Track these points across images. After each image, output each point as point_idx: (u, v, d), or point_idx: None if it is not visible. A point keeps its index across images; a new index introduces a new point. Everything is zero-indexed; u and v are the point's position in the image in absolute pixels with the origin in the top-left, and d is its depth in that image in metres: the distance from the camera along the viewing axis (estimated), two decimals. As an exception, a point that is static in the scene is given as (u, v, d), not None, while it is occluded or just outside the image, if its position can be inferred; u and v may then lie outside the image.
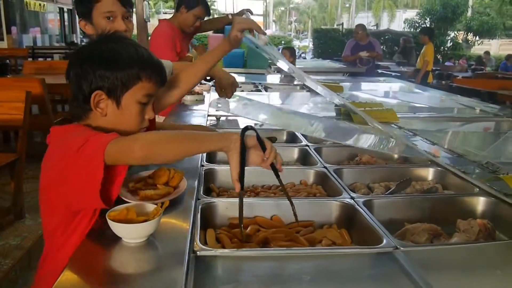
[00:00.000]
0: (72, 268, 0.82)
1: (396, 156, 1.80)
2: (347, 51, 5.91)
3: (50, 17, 13.64)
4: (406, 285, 0.84)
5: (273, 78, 4.61)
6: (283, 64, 1.91)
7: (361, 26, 5.93)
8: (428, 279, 0.84)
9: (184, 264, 0.83)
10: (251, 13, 3.23)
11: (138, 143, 0.88)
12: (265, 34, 1.37)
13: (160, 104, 1.32)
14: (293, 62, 4.88)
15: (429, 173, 1.60)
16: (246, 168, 0.94)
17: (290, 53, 4.96)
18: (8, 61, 5.23)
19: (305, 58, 18.96)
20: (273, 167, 0.98)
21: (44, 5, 12.97)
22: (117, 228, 0.88)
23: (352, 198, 1.28)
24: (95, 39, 1.07)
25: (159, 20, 3.09)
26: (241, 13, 3.21)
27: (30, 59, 7.03)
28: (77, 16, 1.51)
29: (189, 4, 2.77)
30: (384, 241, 1.00)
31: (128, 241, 0.90)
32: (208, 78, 1.83)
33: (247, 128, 0.94)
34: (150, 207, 0.95)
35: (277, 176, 1.01)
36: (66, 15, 14.79)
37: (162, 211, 0.91)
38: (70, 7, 15.02)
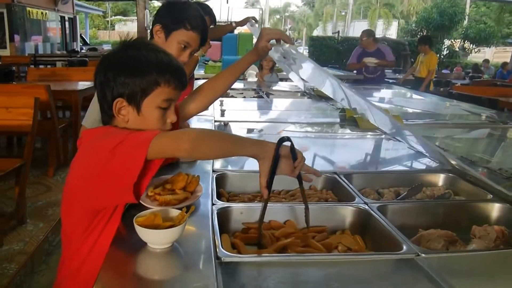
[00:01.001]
0: (102, 279, 0.82)
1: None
2: (353, 58, 5.56)
3: (52, 25, 13.70)
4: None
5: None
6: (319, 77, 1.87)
7: (366, 32, 5.43)
8: (455, 285, 0.84)
9: (213, 272, 0.83)
10: (256, 21, 3.24)
11: (186, 135, 0.92)
12: (293, 44, 1.38)
13: (185, 113, 1.33)
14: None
15: (440, 179, 1.60)
16: (258, 173, 0.98)
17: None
18: (13, 68, 5.25)
19: (301, 65, 19.00)
20: (299, 177, 1.03)
21: (46, 13, 13.04)
22: (145, 234, 0.88)
23: (365, 203, 1.28)
24: (118, 46, 1.07)
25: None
26: (246, 20, 3.21)
27: (32, 66, 7.05)
28: (150, 22, 1.53)
29: None
30: (404, 247, 1.00)
31: (154, 247, 0.89)
32: None
33: (283, 139, 0.97)
34: (174, 212, 0.95)
35: (301, 185, 1.05)
36: (67, 23, 14.86)
37: (188, 216, 0.91)
38: (71, 16, 15.10)
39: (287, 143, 0.97)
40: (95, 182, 0.92)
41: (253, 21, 3.10)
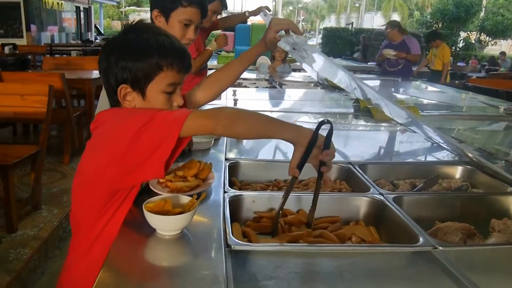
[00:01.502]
0: (111, 265, 0.81)
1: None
2: (380, 50, 5.35)
3: (67, 15, 13.97)
4: (450, 285, 0.81)
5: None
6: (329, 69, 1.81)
7: (390, 23, 5.13)
8: (474, 280, 0.81)
9: (223, 259, 0.81)
10: (269, 11, 3.20)
11: (223, 113, 0.92)
12: (302, 34, 1.34)
13: (194, 103, 1.32)
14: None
15: (457, 171, 1.56)
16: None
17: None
18: (29, 57, 5.35)
19: (315, 56, 18.88)
20: (320, 169, 0.96)
21: (61, 4, 13.24)
22: (154, 220, 0.86)
23: (381, 194, 1.24)
24: (120, 31, 1.05)
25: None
26: (259, 10, 3.18)
27: (47, 55, 7.16)
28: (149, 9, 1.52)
29: None
30: (421, 239, 0.97)
31: (163, 233, 0.88)
32: None
33: (323, 122, 0.92)
34: (185, 199, 0.94)
35: (319, 179, 0.98)
36: (82, 13, 15.12)
37: (198, 203, 0.89)
38: (86, 6, 15.27)
39: (324, 132, 0.92)
40: (123, 161, 0.89)
41: (267, 11, 3.06)
